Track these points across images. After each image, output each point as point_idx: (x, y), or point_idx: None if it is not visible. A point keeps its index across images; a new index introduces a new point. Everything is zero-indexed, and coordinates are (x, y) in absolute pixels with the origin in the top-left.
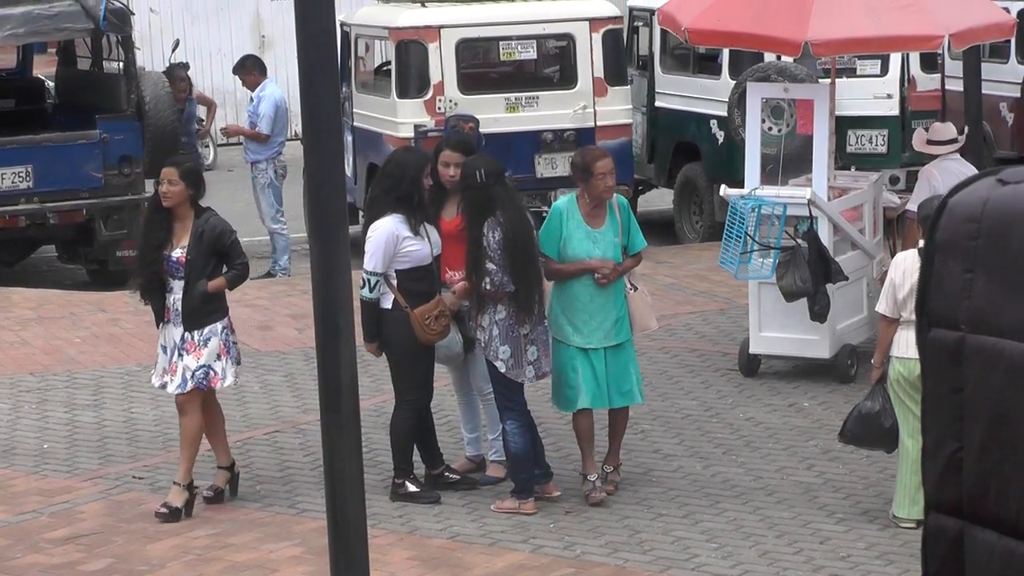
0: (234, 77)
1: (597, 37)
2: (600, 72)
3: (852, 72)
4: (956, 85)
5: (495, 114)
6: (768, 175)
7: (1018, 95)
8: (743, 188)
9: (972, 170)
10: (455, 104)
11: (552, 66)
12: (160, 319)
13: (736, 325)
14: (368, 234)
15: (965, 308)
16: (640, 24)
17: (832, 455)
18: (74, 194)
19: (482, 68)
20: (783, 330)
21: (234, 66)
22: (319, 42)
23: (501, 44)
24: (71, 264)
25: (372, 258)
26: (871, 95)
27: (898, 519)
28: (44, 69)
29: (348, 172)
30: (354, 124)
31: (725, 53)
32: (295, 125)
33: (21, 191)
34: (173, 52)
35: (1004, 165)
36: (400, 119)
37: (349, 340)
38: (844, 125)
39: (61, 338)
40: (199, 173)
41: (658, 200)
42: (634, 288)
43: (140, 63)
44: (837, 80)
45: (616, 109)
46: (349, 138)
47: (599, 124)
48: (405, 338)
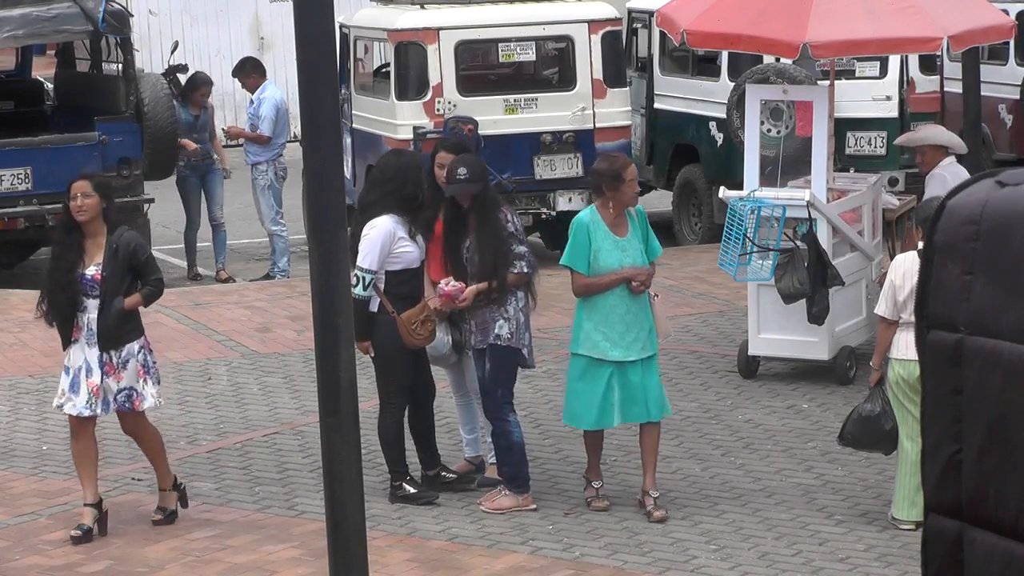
0: (234, 79)
1: (596, 39)
2: (599, 74)
3: (851, 74)
4: (955, 87)
5: (494, 116)
6: (767, 177)
7: (1017, 97)
8: (742, 190)
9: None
10: (454, 106)
11: (551, 68)
12: (68, 340)
13: (735, 327)
14: (364, 232)
15: (964, 310)
16: (639, 26)
17: (831, 457)
18: None
19: (481, 70)
20: (782, 332)
21: (233, 69)
22: (318, 44)
23: (500, 46)
24: None
25: (368, 256)
26: (870, 97)
27: (897, 521)
28: (43, 71)
29: (347, 174)
30: (353, 126)
31: (724, 55)
32: (295, 127)
33: (20, 193)
34: (172, 54)
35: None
36: (399, 121)
37: (348, 342)
38: (843, 127)
39: (60, 340)
40: (110, 185)
41: (657, 202)
42: (656, 295)
43: (139, 65)
44: (836, 82)
45: (615, 111)
46: (348, 140)
47: (598, 126)
48: (391, 342)
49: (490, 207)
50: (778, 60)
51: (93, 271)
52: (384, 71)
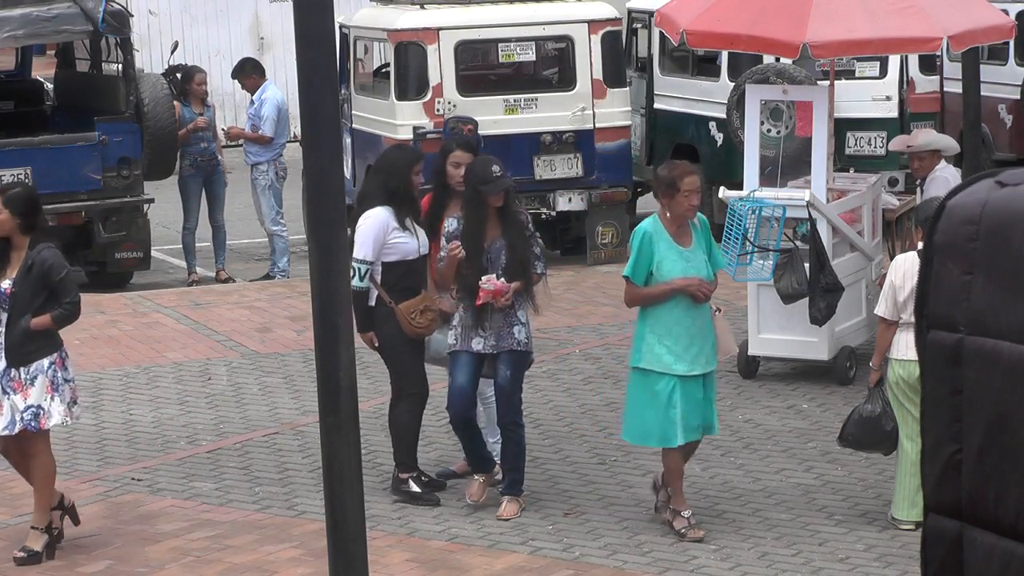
0: (234, 80)
1: (596, 39)
2: (599, 74)
3: (851, 74)
4: (955, 87)
5: (494, 116)
6: (767, 177)
7: (1017, 97)
8: (742, 190)
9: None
10: (454, 106)
11: (551, 68)
12: None
13: (735, 327)
14: (359, 223)
15: (964, 310)
16: (639, 26)
17: (831, 457)
18: (73, 196)
19: (481, 70)
20: (782, 332)
21: (232, 70)
22: (318, 44)
23: (500, 46)
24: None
25: (363, 246)
26: (870, 97)
27: (897, 521)
28: (43, 71)
29: (347, 174)
30: (353, 126)
31: (724, 55)
32: (295, 127)
33: None
34: (172, 54)
35: (1003, 167)
36: (399, 121)
37: (348, 342)
38: (843, 127)
39: None
40: (26, 199)
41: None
42: (719, 310)
43: (139, 65)
44: (836, 82)
45: (615, 111)
46: (348, 140)
47: (598, 126)
48: (394, 333)
49: (516, 206)
50: (778, 60)
51: (7, 285)
52: (384, 71)
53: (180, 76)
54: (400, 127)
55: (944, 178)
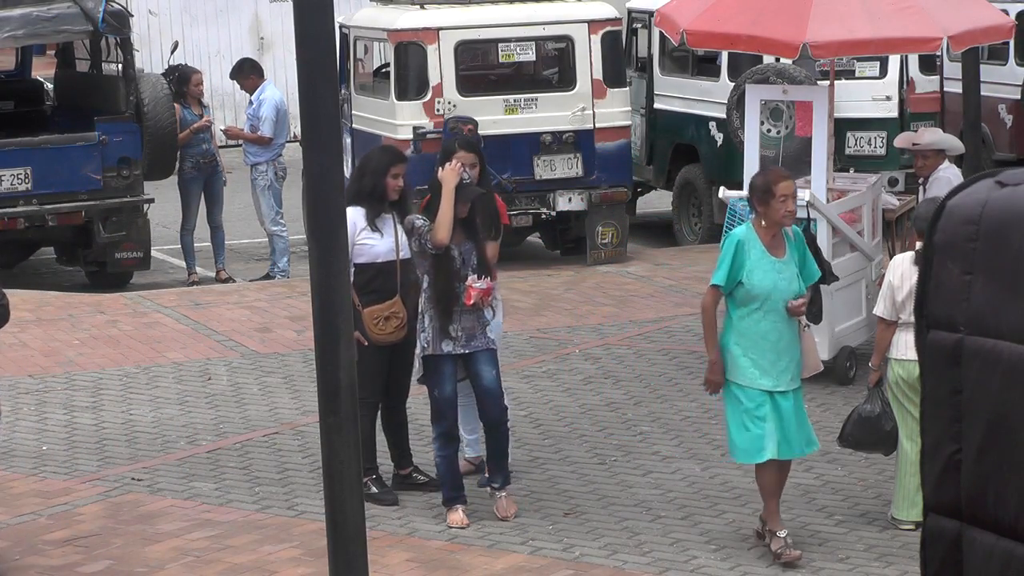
0: (232, 80)
1: (596, 39)
2: (599, 74)
3: (851, 74)
4: (955, 87)
5: (494, 116)
6: None
7: (1017, 97)
8: (742, 190)
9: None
10: (454, 106)
11: (551, 68)
12: None
13: None
14: None
15: (964, 310)
16: (639, 26)
17: (830, 457)
18: (73, 196)
19: (481, 70)
20: None
21: (231, 71)
22: (318, 44)
23: (500, 46)
24: (70, 266)
25: None
26: (870, 97)
27: (897, 521)
28: (43, 71)
29: (347, 174)
30: (353, 126)
31: (724, 55)
32: (295, 127)
33: (20, 193)
34: (172, 54)
35: (1003, 167)
36: (399, 121)
37: (348, 342)
38: (843, 127)
39: (60, 340)
40: None
41: (657, 202)
42: (808, 326)
43: (139, 65)
44: (836, 82)
45: (615, 111)
46: (348, 140)
47: (598, 126)
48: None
49: (483, 203)
50: (778, 60)
51: None
52: (384, 71)
53: (177, 78)
54: (400, 127)
55: (947, 178)
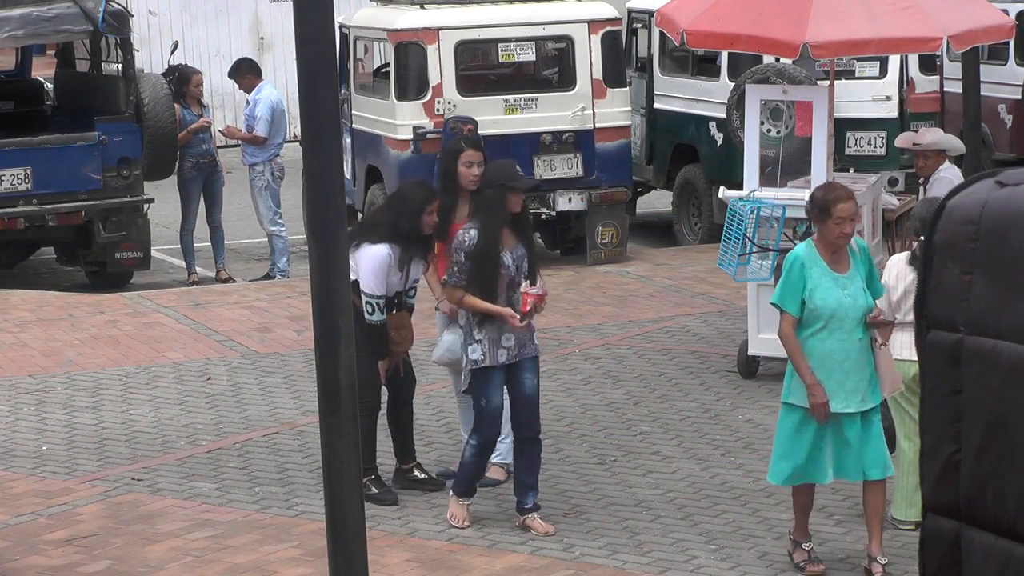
0: (230, 79)
1: (596, 39)
2: (599, 74)
3: (851, 74)
4: (955, 87)
5: (494, 116)
6: (767, 177)
7: (1017, 97)
8: (742, 190)
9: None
10: (454, 106)
11: (551, 68)
12: None
13: (735, 327)
14: (366, 259)
15: (964, 310)
16: (639, 26)
17: None
18: (73, 196)
19: (481, 70)
20: None
21: (229, 70)
22: (318, 44)
23: (500, 46)
24: (70, 266)
25: (372, 283)
26: (870, 97)
27: (896, 521)
28: (43, 71)
29: (347, 174)
30: (353, 126)
31: (724, 55)
32: (294, 127)
33: (20, 193)
34: (172, 54)
35: (1003, 167)
36: (399, 121)
37: (348, 342)
38: (843, 127)
39: (60, 340)
40: None
41: (657, 202)
42: (883, 344)
43: (139, 65)
44: (836, 82)
45: (615, 111)
46: (348, 140)
47: (598, 126)
48: (360, 342)
49: (527, 212)
50: (778, 60)
51: None
52: (384, 71)
53: (177, 78)
54: (400, 127)
55: (947, 179)
